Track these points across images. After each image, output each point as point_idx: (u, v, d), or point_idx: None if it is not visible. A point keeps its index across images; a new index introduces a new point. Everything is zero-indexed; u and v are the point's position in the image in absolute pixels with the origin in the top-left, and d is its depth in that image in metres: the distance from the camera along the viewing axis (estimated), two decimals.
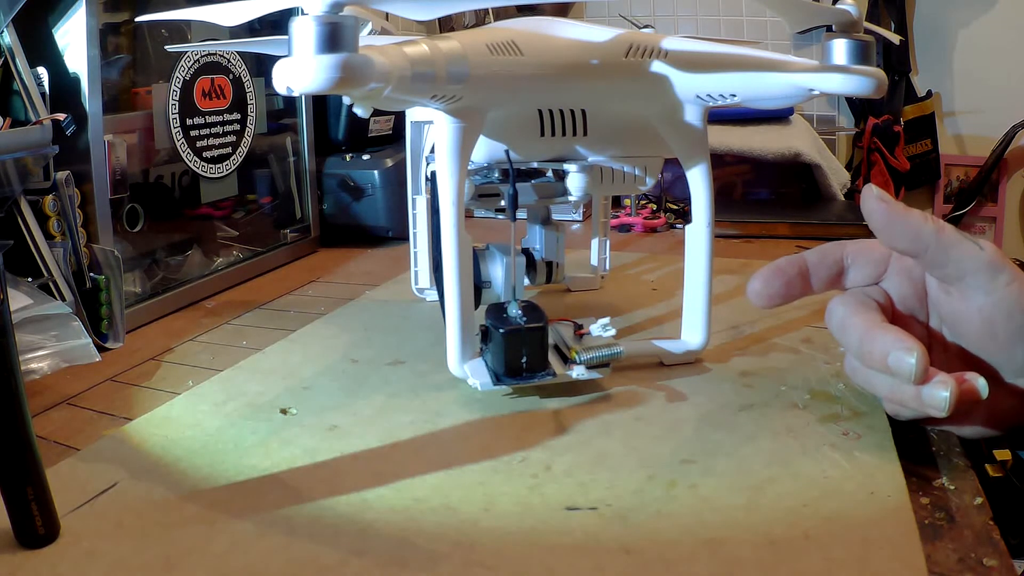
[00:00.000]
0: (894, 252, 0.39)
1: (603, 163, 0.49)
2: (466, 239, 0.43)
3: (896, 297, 0.40)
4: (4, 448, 0.30)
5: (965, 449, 0.38)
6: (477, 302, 0.49)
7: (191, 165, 0.68)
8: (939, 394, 0.34)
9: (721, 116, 1.09)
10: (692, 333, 0.48)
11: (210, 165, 0.71)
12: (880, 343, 0.35)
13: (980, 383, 0.35)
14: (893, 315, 0.39)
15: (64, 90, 0.56)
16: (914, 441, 0.39)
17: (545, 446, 0.39)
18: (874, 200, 0.37)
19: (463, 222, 0.43)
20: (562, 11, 1.72)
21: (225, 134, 0.72)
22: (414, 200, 0.62)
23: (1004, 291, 0.35)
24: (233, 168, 0.74)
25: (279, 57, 0.31)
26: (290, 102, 0.84)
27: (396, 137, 0.95)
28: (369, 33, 0.51)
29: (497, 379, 0.42)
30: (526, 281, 0.59)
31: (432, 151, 0.49)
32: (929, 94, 2.02)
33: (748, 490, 0.34)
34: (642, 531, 0.31)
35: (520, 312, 0.43)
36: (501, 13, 1.31)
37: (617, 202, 1.01)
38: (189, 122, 0.67)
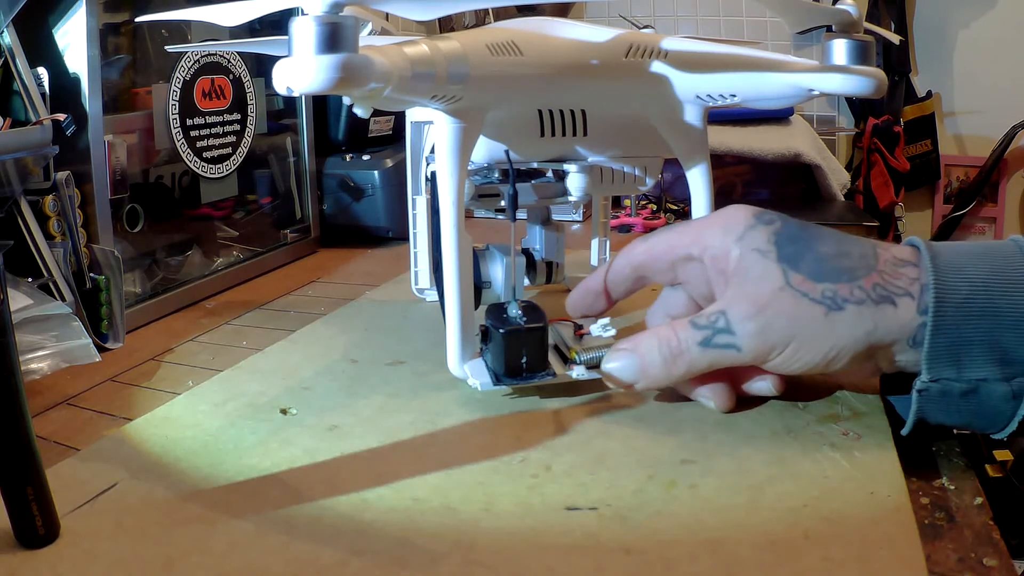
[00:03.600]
0: (677, 255, 0.40)
1: (603, 163, 0.49)
2: (466, 239, 0.43)
3: (695, 295, 0.42)
4: (4, 448, 0.30)
5: (965, 449, 0.38)
6: (477, 302, 0.49)
7: (191, 165, 0.68)
8: (706, 403, 0.40)
9: (721, 116, 1.09)
10: None
11: (210, 165, 0.71)
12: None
13: (758, 386, 0.40)
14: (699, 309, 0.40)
15: (64, 90, 0.56)
16: (914, 441, 0.39)
17: (545, 446, 0.39)
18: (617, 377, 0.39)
19: (463, 222, 0.43)
20: (562, 11, 1.72)
21: (225, 134, 0.72)
22: (414, 200, 0.62)
23: (784, 357, 0.36)
24: (233, 168, 0.74)
25: (279, 57, 0.31)
26: (290, 102, 0.84)
27: (396, 137, 0.95)
28: (369, 33, 0.51)
29: (497, 379, 0.42)
30: (526, 281, 0.59)
31: (432, 151, 0.49)
32: (929, 94, 2.02)
33: (748, 490, 0.34)
34: (642, 531, 0.31)
35: (520, 312, 0.43)
36: (501, 13, 1.31)
37: (617, 202, 1.01)
38: (189, 122, 0.67)
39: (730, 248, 0.36)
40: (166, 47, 0.63)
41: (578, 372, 0.42)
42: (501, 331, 0.42)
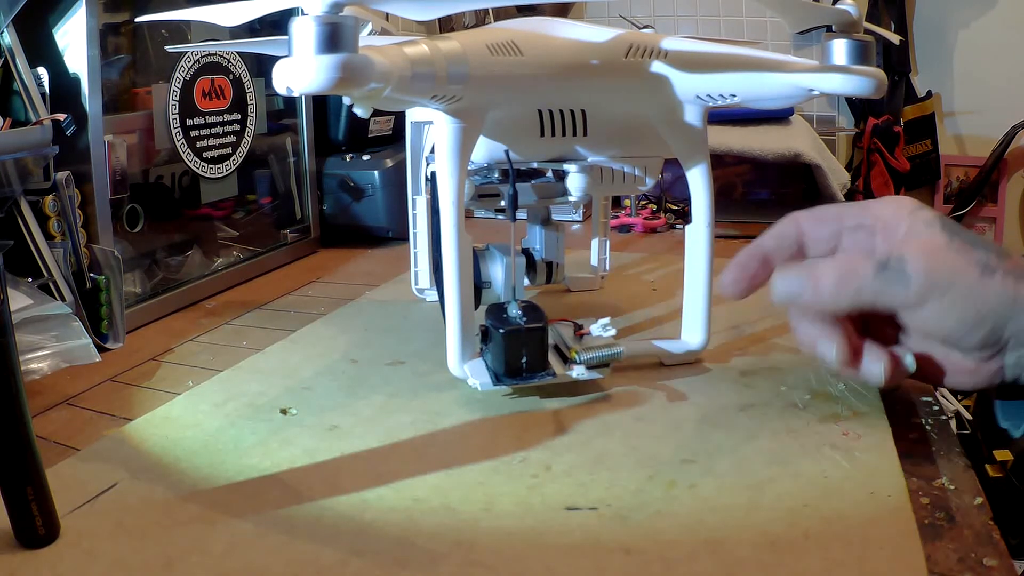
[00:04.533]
0: (845, 224, 0.42)
1: (603, 163, 0.49)
2: (466, 239, 0.43)
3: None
4: (4, 448, 0.30)
5: (965, 449, 0.38)
6: (477, 302, 0.49)
7: (191, 165, 0.68)
8: (874, 368, 0.39)
9: (721, 116, 1.09)
10: (692, 333, 0.48)
11: (210, 165, 0.71)
12: (802, 334, 0.42)
13: (908, 360, 0.40)
14: None
15: (64, 90, 0.56)
16: (914, 441, 0.39)
17: (545, 446, 0.39)
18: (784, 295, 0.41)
19: (463, 222, 0.43)
20: (562, 11, 1.72)
21: (225, 134, 0.72)
22: (414, 200, 0.62)
23: (940, 307, 0.37)
24: (233, 168, 0.74)
25: (279, 57, 0.31)
26: (290, 102, 0.84)
27: (396, 137, 0.95)
28: (369, 33, 0.51)
29: (497, 379, 0.42)
30: (526, 281, 0.59)
31: (432, 151, 0.49)
32: (929, 94, 2.02)
33: (748, 490, 0.34)
34: (642, 531, 0.31)
35: (520, 312, 0.43)
36: (501, 13, 1.31)
37: (617, 202, 1.01)
38: (189, 122, 0.67)
39: (903, 219, 0.39)
40: (166, 47, 0.63)
41: (578, 372, 0.42)
42: (501, 331, 0.42)
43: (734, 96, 0.43)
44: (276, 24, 0.67)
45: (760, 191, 1.14)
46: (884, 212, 0.40)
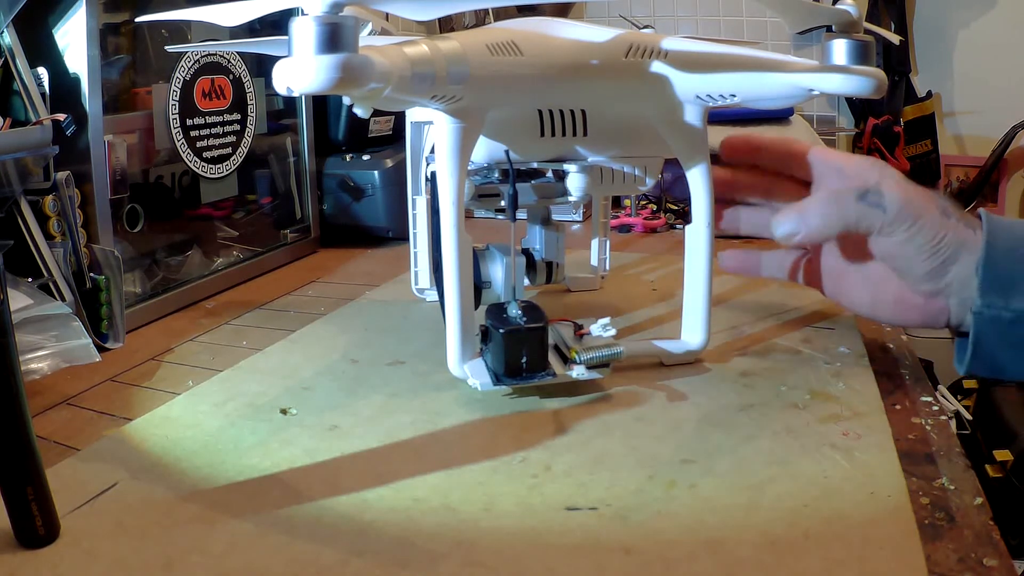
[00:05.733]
0: (829, 168, 0.48)
1: (603, 163, 0.49)
2: (466, 239, 0.43)
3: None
4: (4, 448, 0.30)
5: (965, 449, 0.38)
6: (477, 302, 0.49)
7: (191, 165, 0.68)
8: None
9: (721, 116, 1.09)
10: (692, 333, 0.48)
11: (210, 165, 0.71)
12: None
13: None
14: None
15: (64, 90, 0.56)
16: (914, 441, 0.39)
17: (545, 446, 0.39)
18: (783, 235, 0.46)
19: (463, 222, 0.43)
20: (562, 11, 1.72)
21: (225, 134, 0.72)
22: (414, 200, 0.62)
23: (906, 234, 0.42)
24: (233, 168, 0.74)
25: (279, 57, 0.31)
26: (290, 102, 0.84)
27: (396, 137, 0.95)
28: (369, 33, 0.51)
29: (497, 379, 0.42)
30: (526, 281, 0.59)
31: (432, 151, 0.49)
32: (929, 94, 2.02)
33: (748, 490, 0.34)
34: (642, 531, 0.31)
35: (520, 312, 0.43)
36: (501, 13, 1.31)
37: (617, 202, 1.01)
38: (189, 122, 0.67)
39: (875, 169, 0.45)
40: (166, 47, 0.62)
41: (578, 372, 0.42)
42: (501, 331, 0.42)
43: (734, 96, 0.43)
44: (276, 24, 0.66)
45: None
46: (858, 164, 0.46)
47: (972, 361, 0.42)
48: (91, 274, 0.56)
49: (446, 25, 1.33)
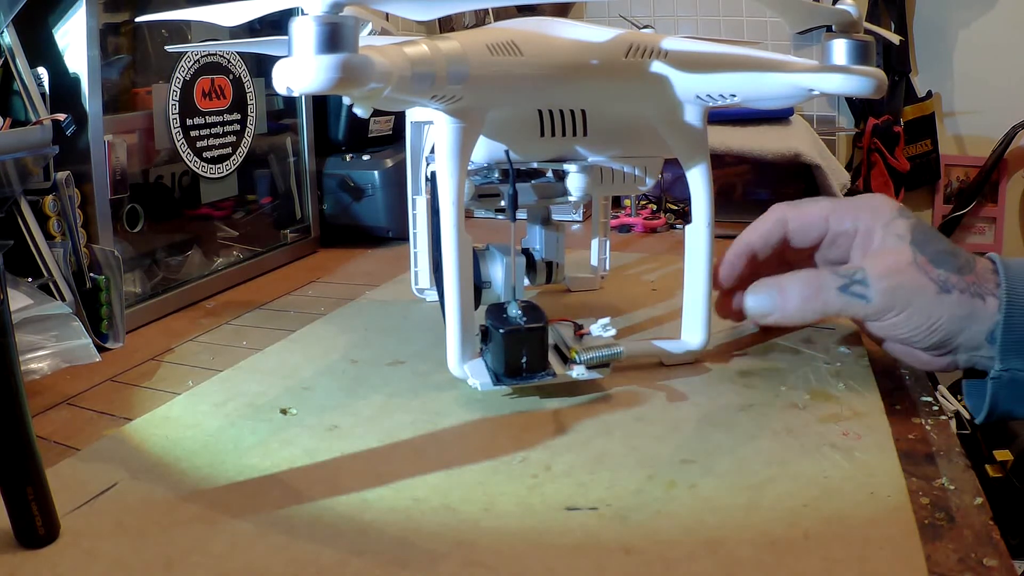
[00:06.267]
0: (831, 229, 0.46)
1: (603, 163, 0.49)
2: (466, 239, 0.43)
3: (829, 259, 0.47)
4: (4, 448, 0.30)
5: (965, 449, 0.38)
6: (477, 302, 0.49)
7: (191, 165, 0.68)
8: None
9: (721, 116, 1.09)
10: (692, 333, 0.48)
11: (210, 165, 0.71)
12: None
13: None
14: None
15: (64, 90, 0.56)
16: (914, 441, 0.39)
17: (545, 446, 0.39)
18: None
19: (463, 222, 0.43)
20: (562, 11, 1.72)
21: (225, 134, 0.72)
22: (414, 200, 0.62)
23: (897, 319, 0.41)
24: (233, 168, 0.74)
25: (279, 57, 0.31)
26: (290, 102, 0.84)
27: (396, 137, 0.95)
28: (369, 33, 0.51)
29: (497, 379, 0.42)
30: (526, 281, 0.59)
31: (432, 151, 0.49)
32: (929, 94, 2.02)
33: (748, 490, 0.34)
34: (642, 531, 0.31)
35: (520, 312, 0.43)
36: (501, 13, 1.31)
37: (617, 202, 1.01)
38: (189, 122, 0.67)
39: (877, 229, 0.43)
40: (166, 47, 0.62)
41: (578, 372, 0.42)
42: (501, 331, 0.42)
43: (734, 96, 0.43)
44: (276, 24, 0.67)
45: (760, 191, 1.14)
46: (864, 218, 0.44)
47: (988, 416, 0.41)
48: (91, 274, 0.56)
49: (446, 25, 1.33)
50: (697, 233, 0.47)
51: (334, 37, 0.30)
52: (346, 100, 0.36)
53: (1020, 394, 0.40)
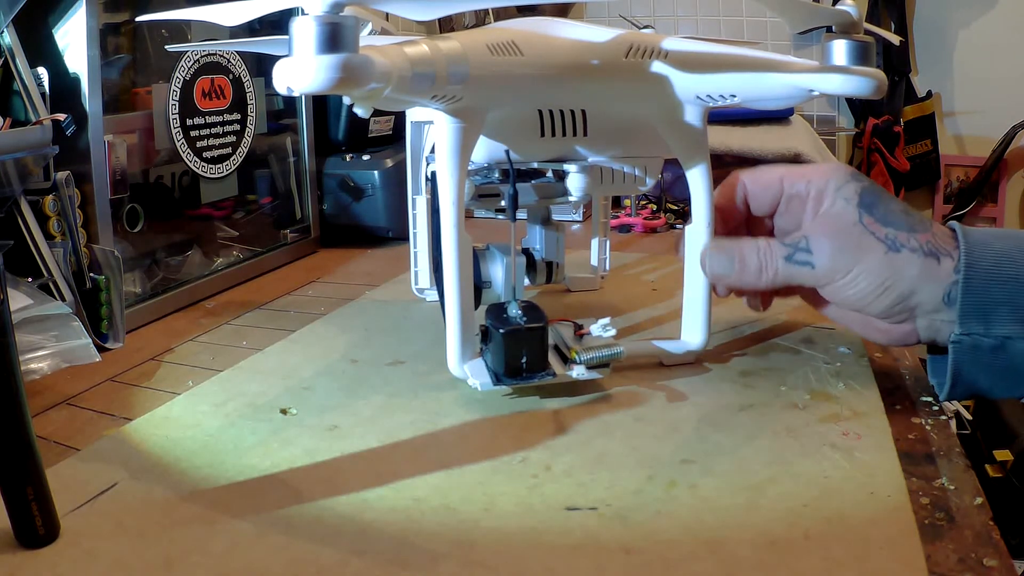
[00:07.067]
0: (785, 191, 0.46)
1: (603, 163, 0.49)
2: (466, 239, 0.43)
3: (783, 226, 0.47)
4: (4, 448, 0.30)
5: (965, 449, 0.38)
6: (477, 302, 0.49)
7: (191, 165, 0.68)
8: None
9: (721, 116, 1.09)
10: (692, 333, 0.48)
11: (210, 165, 0.71)
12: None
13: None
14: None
15: (64, 90, 0.56)
16: (914, 441, 0.39)
17: (545, 446, 0.39)
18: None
19: (463, 222, 0.43)
20: (562, 11, 1.72)
21: (225, 134, 0.72)
22: (414, 200, 0.62)
23: (844, 282, 0.41)
24: (233, 168, 0.74)
25: (279, 57, 0.31)
26: (290, 102, 0.84)
27: (396, 137, 0.95)
28: (369, 33, 0.51)
29: (497, 379, 0.42)
30: (526, 281, 0.59)
31: (432, 151, 0.49)
32: (929, 94, 2.02)
33: (748, 490, 0.34)
34: (642, 531, 0.31)
35: (520, 312, 0.43)
36: (501, 13, 1.31)
37: (617, 202, 1.01)
38: (189, 122, 0.67)
39: (828, 192, 0.43)
40: (166, 47, 0.62)
41: (578, 372, 0.42)
42: (501, 331, 0.42)
43: (734, 96, 0.43)
44: (276, 24, 0.67)
45: None
46: (816, 181, 0.44)
47: (952, 389, 0.40)
48: (91, 274, 0.56)
49: (446, 25, 1.33)
50: (697, 233, 0.47)
51: (334, 37, 0.30)
52: (346, 100, 0.36)
53: (983, 362, 0.39)
